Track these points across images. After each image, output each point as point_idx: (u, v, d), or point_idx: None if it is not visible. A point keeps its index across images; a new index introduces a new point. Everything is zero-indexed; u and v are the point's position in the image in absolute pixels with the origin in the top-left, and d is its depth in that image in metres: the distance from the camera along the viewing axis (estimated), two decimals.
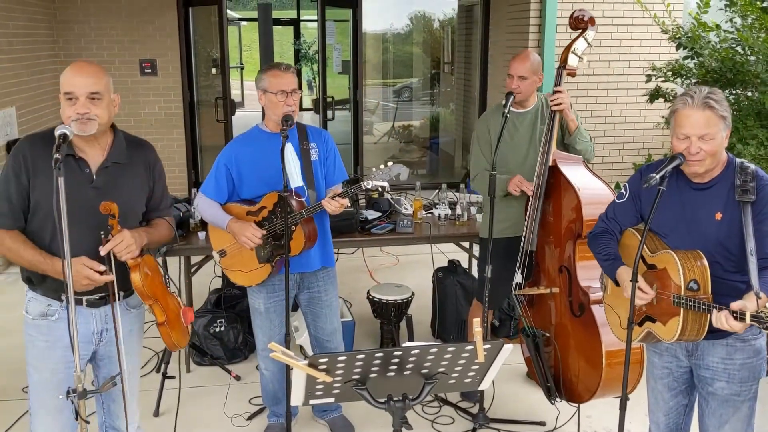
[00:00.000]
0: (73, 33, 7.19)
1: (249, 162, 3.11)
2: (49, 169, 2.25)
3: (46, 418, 2.46)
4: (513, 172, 3.43)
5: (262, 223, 3.08)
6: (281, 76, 3.02)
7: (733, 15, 4.44)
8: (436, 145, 10.33)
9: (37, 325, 2.42)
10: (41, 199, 2.32)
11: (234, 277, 3.22)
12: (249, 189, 3.13)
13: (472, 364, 2.00)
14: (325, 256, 3.27)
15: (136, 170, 2.48)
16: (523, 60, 3.38)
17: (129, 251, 2.31)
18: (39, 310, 2.41)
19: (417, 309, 4.61)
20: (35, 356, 2.43)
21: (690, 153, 2.25)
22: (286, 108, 3.00)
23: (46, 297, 2.40)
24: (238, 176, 3.13)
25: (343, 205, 2.95)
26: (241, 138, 3.22)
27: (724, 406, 2.40)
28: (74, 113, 2.25)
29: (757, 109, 4.24)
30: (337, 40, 8.98)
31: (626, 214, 2.54)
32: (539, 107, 3.53)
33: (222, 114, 7.49)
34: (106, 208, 2.28)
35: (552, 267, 3.32)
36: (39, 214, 2.34)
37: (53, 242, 2.32)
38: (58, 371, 2.42)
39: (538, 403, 3.70)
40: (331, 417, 3.60)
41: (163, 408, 3.73)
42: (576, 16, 3.38)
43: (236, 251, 3.17)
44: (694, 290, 2.22)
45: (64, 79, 2.29)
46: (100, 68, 2.35)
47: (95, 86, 2.28)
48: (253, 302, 3.29)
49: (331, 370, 1.89)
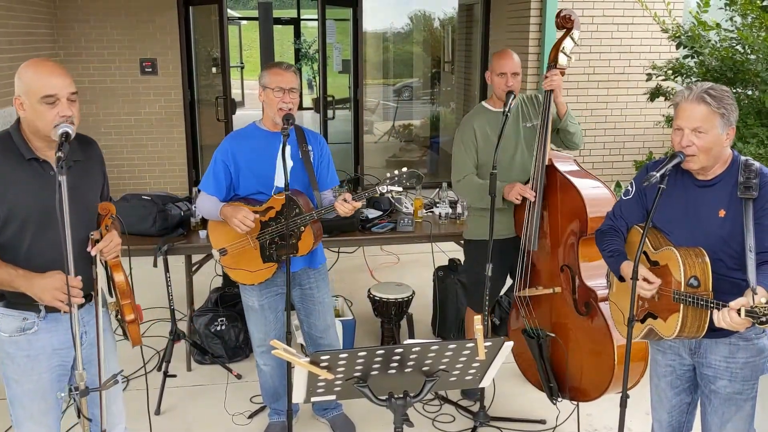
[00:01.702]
0: (74, 32, 7.18)
1: (245, 159, 3.12)
2: (13, 177, 2.21)
3: (34, 426, 2.41)
4: (503, 172, 3.40)
5: (269, 222, 3.08)
6: (281, 74, 3.05)
7: (733, 14, 4.44)
8: (436, 144, 10.33)
9: (15, 342, 2.32)
10: (12, 208, 2.22)
11: (236, 275, 3.21)
12: (245, 186, 3.14)
13: (473, 361, 2.01)
14: (310, 257, 3.26)
15: (91, 167, 2.43)
16: (511, 57, 3.40)
17: (116, 251, 2.30)
18: (14, 326, 2.31)
19: (417, 308, 4.62)
20: (15, 371, 2.34)
21: (681, 145, 2.26)
22: (282, 104, 3.02)
23: (20, 311, 2.30)
24: (235, 172, 3.13)
25: (355, 208, 2.96)
26: (237, 134, 3.23)
27: (726, 404, 2.40)
28: (58, 116, 2.17)
29: (757, 107, 4.24)
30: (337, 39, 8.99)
31: (632, 211, 2.54)
32: (519, 106, 3.53)
33: (222, 113, 7.50)
34: (105, 209, 2.28)
35: (551, 267, 3.32)
36: (11, 225, 2.24)
37: (30, 250, 2.25)
38: (43, 380, 2.37)
39: (539, 401, 3.71)
40: (332, 415, 3.60)
41: (164, 407, 3.74)
42: (564, 15, 3.40)
43: (238, 250, 3.17)
44: (694, 287, 2.23)
45: (38, 80, 2.17)
46: (62, 65, 2.30)
47: (73, 85, 2.23)
48: (246, 300, 3.29)
49: (332, 368, 1.89)
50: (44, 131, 2.20)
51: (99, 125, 7.22)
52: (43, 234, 2.25)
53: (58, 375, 2.41)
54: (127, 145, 7.46)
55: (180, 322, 4.39)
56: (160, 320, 4.77)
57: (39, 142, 2.26)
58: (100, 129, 7.20)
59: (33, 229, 2.25)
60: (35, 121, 2.20)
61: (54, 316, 2.33)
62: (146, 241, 3.86)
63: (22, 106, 2.21)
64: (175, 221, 4.00)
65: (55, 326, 2.35)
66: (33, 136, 2.26)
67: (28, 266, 2.25)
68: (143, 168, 7.58)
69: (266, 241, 3.10)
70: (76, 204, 2.26)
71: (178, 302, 4.26)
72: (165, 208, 3.98)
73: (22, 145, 2.25)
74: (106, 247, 2.27)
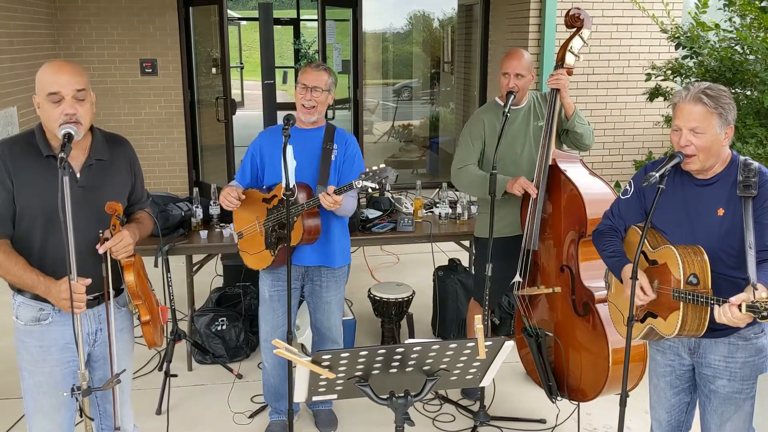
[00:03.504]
0: (74, 33, 7.19)
1: (270, 152, 3.26)
2: (31, 173, 2.25)
3: (44, 421, 2.43)
4: (509, 169, 3.43)
5: (272, 210, 3.20)
6: (309, 72, 3.19)
7: (731, 14, 4.45)
8: (435, 144, 10.34)
9: (29, 331, 2.37)
10: (27, 203, 2.26)
11: (245, 258, 3.38)
12: (268, 177, 3.29)
13: (473, 361, 2.02)
14: (326, 255, 3.30)
15: (118, 167, 2.46)
16: (519, 58, 3.38)
17: (126, 251, 2.31)
18: (31, 316, 2.36)
19: (418, 307, 4.63)
20: (29, 361, 2.38)
21: (680, 145, 2.28)
22: (303, 101, 3.16)
23: (37, 301, 2.34)
24: (261, 164, 3.30)
25: (337, 202, 2.98)
26: (270, 129, 3.40)
27: (725, 404, 2.41)
28: (61, 114, 2.19)
29: (756, 108, 4.25)
30: (337, 39, 8.99)
31: (631, 211, 2.55)
32: (531, 104, 3.54)
33: (222, 114, 7.50)
34: (112, 208, 2.28)
35: (552, 266, 3.33)
36: (26, 220, 2.28)
37: (44, 246, 2.29)
38: (54, 373, 2.39)
39: (539, 400, 3.72)
40: (317, 408, 3.65)
41: (165, 406, 3.75)
42: (572, 14, 3.40)
43: (251, 234, 3.31)
44: (693, 284, 2.24)
45: (45, 78, 2.21)
46: (78, 65, 2.32)
47: (80, 83, 2.24)
48: (261, 288, 3.41)
49: (334, 367, 1.90)
50: (52, 129, 2.24)
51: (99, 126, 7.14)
52: (54, 231, 2.26)
53: (71, 371, 2.41)
54: None
55: (181, 322, 4.40)
56: None
57: (55, 141, 2.30)
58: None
59: (45, 225, 2.28)
60: (45, 120, 2.25)
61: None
62: (147, 242, 3.83)
63: (37, 105, 2.26)
64: (176, 221, 4.01)
65: (69, 320, 2.33)
66: (50, 135, 2.31)
67: (41, 262, 2.29)
68: (143, 168, 7.51)
69: (269, 228, 3.22)
70: (89, 203, 2.30)
71: (179, 302, 4.27)
72: (166, 209, 3.99)
73: (42, 142, 2.30)
74: (115, 246, 2.28)
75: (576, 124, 3.42)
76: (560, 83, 3.31)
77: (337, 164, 3.26)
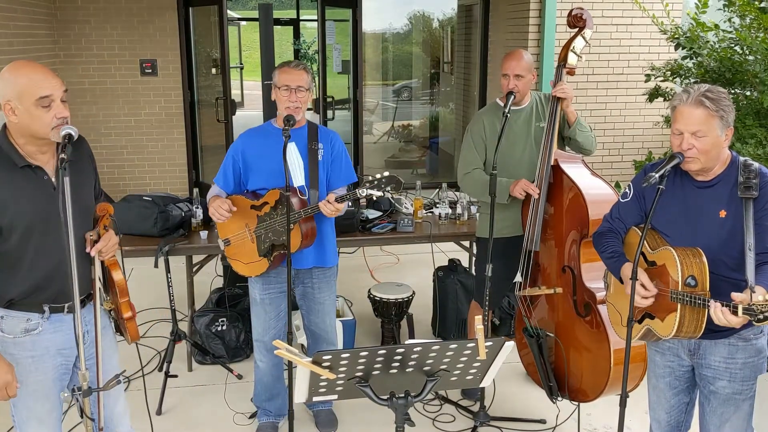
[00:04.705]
0: (74, 33, 7.19)
1: (255, 154, 3.19)
2: (9, 185, 2.17)
3: (39, 427, 2.41)
4: (510, 170, 3.43)
5: (263, 218, 3.14)
6: (289, 72, 3.11)
7: (731, 15, 4.45)
8: (435, 144, 10.34)
9: (19, 343, 2.31)
10: (13, 217, 2.18)
11: (235, 266, 3.32)
12: (254, 181, 3.21)
13: (473, 361, 2.02)
14: (320, 256, 3.29)
15: (83, 165, 2.41)
16: (518, 58, 3.38)
17: (113, 251, 2.32)
18: (19, 328, 2.30)
19: (418, 308, 4.63)
20: (20, 373, 2.32)
21: (682, 149, 2.28)
22: (288, 103, 3.07)
23: (24, 312, 2.29)
24: (244, 167, 3.21)
25: (338, 210, 2.99)
26: (250, 131, 3.30)
27: (725, 404, 2.41)
28: (54, 118, 2.13)
29: (755, 108, 4.25)
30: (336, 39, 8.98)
31: (630, 213, 2.55)
32: (534, 105, 3.54)
33: (222, 114, 7.50)
34: (103, 209, 2.29)
35: (553, 267, 3.33)
36: (15, 234, 2.21)
37: (35, 257, 2.24)
38: (47, 380, 2.38)
39: (539, 400, 3.72)
40: (318, 409, 3.64)
41: (165, 407, 3.75)
42: (575, 14, 3.40)
43: (240, 241, 3.25)
44: (691, 286, 2.24)
45: (34, 82, 2.12)
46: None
47: (63, 85, 2.20)
48: (251, 291, 3.37)
49: (334, 367, 1.90)
50: (41, 134, 2.17)
51: (99, 126, 7.23)
52: (44, 240, 2.24)
53: (60, 374, 2.42)
54: (127, 146, 7.47)
55: (181, 322, 4.40)
56: (161, 321, 4.78)
57: (31, 147, 2.21)
58: (100, 130, 7.22)
59: (36, 237, 2.24)
60: (31, 125, 2.15)
61: (58, 316, 2.34)
62: (147, 242, 3.87)
63: (13, 111, 2.14)
64: (176, 222, 4.02)
65: (59, 326, 2.35)
66: (24, 142, 2.21)
67: (32, 272, 2.26)
68: (143, 169, 7.58)
69: (261, 236, 3.17)
70: (73, 205, 2.27)
71: (179, 303, 4.27)
72: (166, 209, 3.99)
73: (12, 153, 2.20)
74: (105, 246, 2.29)
75: (577, 131, 3.42)
76: (567, 94, 3.32)
77: (324, 164, 3.23)
